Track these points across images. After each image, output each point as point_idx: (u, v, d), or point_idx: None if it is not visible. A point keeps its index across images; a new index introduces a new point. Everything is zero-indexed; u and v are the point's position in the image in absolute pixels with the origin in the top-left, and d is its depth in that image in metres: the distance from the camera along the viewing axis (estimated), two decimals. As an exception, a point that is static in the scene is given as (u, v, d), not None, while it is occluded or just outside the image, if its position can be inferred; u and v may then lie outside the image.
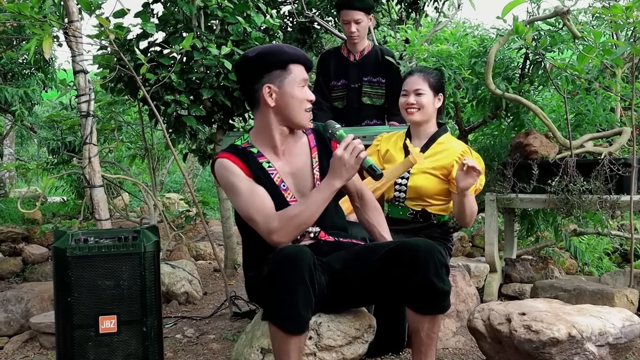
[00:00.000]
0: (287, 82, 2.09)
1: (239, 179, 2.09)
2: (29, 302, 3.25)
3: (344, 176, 1.99)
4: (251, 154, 2.16)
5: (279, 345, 1.92)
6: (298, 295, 1.85)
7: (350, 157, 1.96)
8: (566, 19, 3.40)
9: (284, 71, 2.09)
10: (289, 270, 1.85)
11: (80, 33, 3.17)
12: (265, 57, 2.11)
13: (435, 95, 2.78)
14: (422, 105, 2.74)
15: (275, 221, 2.01)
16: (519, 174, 3.48)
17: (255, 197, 2.07)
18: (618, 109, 3.94)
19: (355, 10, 3.68)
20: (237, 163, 2.10)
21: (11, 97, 6.64)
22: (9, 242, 5.40)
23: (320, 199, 2.02)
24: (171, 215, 5.75)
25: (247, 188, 2.08)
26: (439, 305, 2.04)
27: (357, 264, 2.09)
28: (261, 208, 2.05)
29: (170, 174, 10.77)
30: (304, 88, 2.11)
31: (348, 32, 3.73)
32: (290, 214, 2.02)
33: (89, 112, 3.18)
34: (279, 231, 2.01)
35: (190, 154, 4.44)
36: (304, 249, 1.92)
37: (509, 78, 3.88)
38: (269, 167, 2.15)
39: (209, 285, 4.40)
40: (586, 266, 4.70)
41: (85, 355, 2.21)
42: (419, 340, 2.10)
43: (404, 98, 2.79)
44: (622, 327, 2.16)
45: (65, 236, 2.24)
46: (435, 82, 2.79)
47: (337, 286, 2.07)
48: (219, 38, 3.85)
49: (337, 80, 3.83)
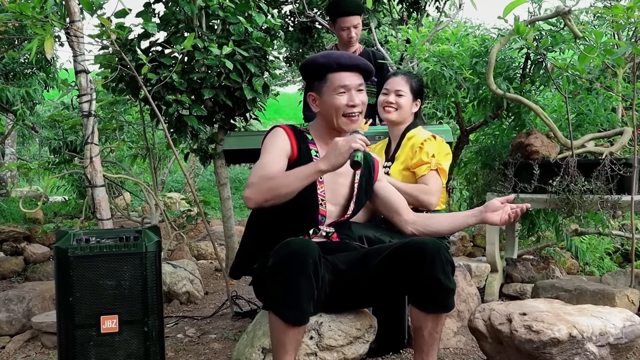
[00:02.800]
0: (324, 90, 2.20)
1: (276, 146, 2.17)
2: (30, 302, 3.26)
3: (332, 160, 1.99)
4: (306, 138, 2.26)
5: (277, 336, 1.94)
6: (301, 288, 1.88)
7: (345, 144, 1.98)
8: (567, 19, 3.40)
9: (321, 81, 2.20)
10: (293, 263, 1.87)
11: (82, 33, 3.17)
12: (306, 67, 2.26)
13: (414, 99, 2.86)
14: (400, 106, 2.82)
15: (256, 177, 2.05)
16: (520, 173, 3.49)
17: (270, 160, 2.12)
18: (619, 109, 3.95)
19: (355, 16, 3.72)
20: (290, 138, 2.20)
21: (13, 96, 6.65)
22: (10, 242, 5.42)
23: (301, 174, 2.01)
24: (172, 214, 5.75)
25: (273, 153, 2.15)
26: (444, 303, 2.05)
27: (362, 265, 2.11)
28: (262, 167, 2.09)
29: (172, 174, 10.79)
30: (343, 95, 2.17)
31: (347, 37, 3.77)
32: (269, 175, 2.05)
33: (90, 112, 3.18)
34: (253, 186, 2.02)
35: (191, 153, 4.45)
36: (310, 243, 1.94)
37: (510, 78, 3.88)
38: (315, 155, 2.22)
39: (210, 285, 4.40)
40: (587, 266, 4.70)
41: (86, 355, 2.21)
42: (422, 339, 2.11)
43: (383, 96, 2.86)
44: (622, 327, 2.16)
45: (67, 236, 2.24)
46: (416, 87, 2.86)
47: (341, 286, 2.09)
48: (221, 38, 3.85)
49: None
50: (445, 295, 2.03)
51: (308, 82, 2.28)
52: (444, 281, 2.00)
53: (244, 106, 4.00)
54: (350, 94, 2.17)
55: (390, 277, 2.07)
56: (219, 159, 4.18)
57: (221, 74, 3.74)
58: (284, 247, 1.91)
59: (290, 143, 2.18)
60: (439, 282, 1.99)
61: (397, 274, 2.05)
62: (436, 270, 1.98)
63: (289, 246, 1.91)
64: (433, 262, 1.99)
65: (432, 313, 2.06)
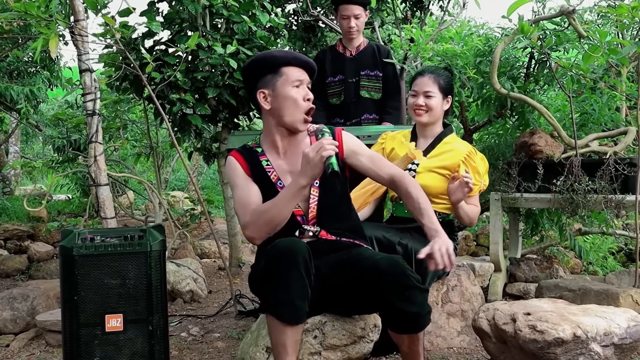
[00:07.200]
0: (279, 84, 2.16)
1: (237, 176, 2.21)
2: (34, 300, 3.26)
3: (308, 173, 1.99)
4: (255, 153, 2.26)
5: (276, 337, 1.94)
6: (293, 285, 1.88)
7: (315, 155, 1.96)
8: (572, 18, 3.40)
9: (276, 74, 2.17)
10: (284, 262, 1.89)
11: (86, 32, 3.17)
12: (256, 63, 2.22)
13: (444, 97, 2.80)
14: (431, 108, 2.77)
15: (248, 216, 2.08)
16: (524, 173, 3.49)
17: (245, 193, 2.16)
18: (623, 109, 3.94)
19: (355, 5, 3.71)
20: (239, 161, 2.22)
21: (17, 95, 6.65)
22: (14, 240, 5.44)
23: (287, 196, 2.04)
24: (176, 213, 5.76)
25: (241, 184, 2.19)
26: (414, 326, 1.99)
27: (340, 273, 2.07)
28: (245, 203, 2.12)
29: (175, 172, 10.78)
30: (299, 87, 2.16)
31: (347, 27, 3.74)
32: (260, 210, 2.07)
33: (94, 111, 3.19)
34: (250, 226, 2.07)
35: (195, 152, 4.45)
36: (299, 241, 1.96)
37: (514, 77, 3.88)
38: (267, 165, 2.22)
39: (214, 284, 4.41)
40: (591, 265, 4.70)
41: (91, 353, 2.22)
42: (403, 352, 2.13)
43: (413, 99, 2.80)
44: (627, 327, 2.16)
45: (72, 235, 2.25)
46: (445, 84, 2.80)
47: (324, 291, 2.07)
48: (225, 37, 3.85)
49: (334, 76, 3.85)
50: (412, 319, 1.95)
51: (255, 80, 2.21)
52: (407, 308, 1.92)
53: (247, 105, 4.00)
54: (305, 88, 2.18)
55: (359, 295, 2.04)
56: (222, 158, 4.19)
57: (225, 72, 3.75)
58: (273, 248, 1.94)
59: (241, 166, 2.21)
60: (401, 310, 1.93)
61: (363, 293, 2.02)
62: (394, 300, 1.92)
63: (277, 246, 1.93)
64: (390, 292, 1.93)
65: (404, 334, 2.03)
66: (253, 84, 2.22)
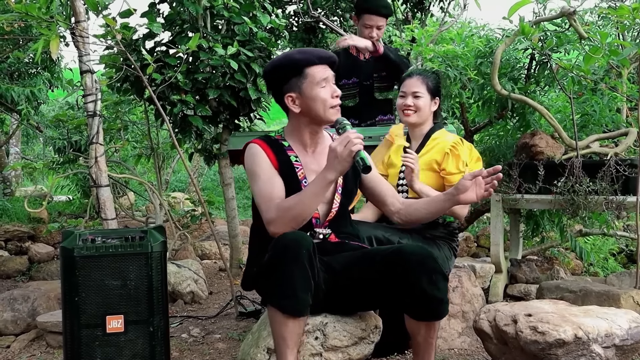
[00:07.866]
0: (305, 87, 2.13)
1: (260, 166, 2.13)
2: (35, 301, 3.26)
3: (337, 168, 1.98)
4: (282, 146, 2.21)
5: (277, 329, 1.95)
6: (296, 277, 1.89)
7: (344, 149, 1.95)
8: (572, 20, 3.40)
9: (300, 77, 2.13)
10: (288, 254, 1.89)
11: (87, 33, 3.18)
12: (279, 68, 2.17)
13: (432, 98, 2.83)
14: (419, 108, 2.80)
15: (273, 211, 2.03)
16: (524, 174, 3.48)
17: (269, 186, 2.10)
18: (624, 110, 3.94)
19: (381, 17, 3.72)
20: (266, 151, 2.16)
21: (17, 96, 6.66)
22: (15, 241, 5.44)
23: (314, 191, 2.01)
24: (177, 214, 5.77)
25: (265, 176, 2.12)
26: (434, 312, 2.02)
27: (356, 268, 2.09)
28: (269, 197, 2.07)
29: (176, 173, 10.79)
30: (325, 86, 2.14)
31: (368, 35, 3.73)
32: (286, 206, 2.03)
33: (95, 112, 3.19)
34: (275, 222, 2.02)
35: (196, 153, 4.46)
36: (303, 235, 1.95)
37: (515, 78, 3.88)
38: (295, 161, 2.19)
39: (215, 285, 4.41)
40: (592, 267, 4.69)
41: (92, 354, 2.22)
42: (417, 344, 2.12)
43: (401, 99, 2.84)
44: (628, 328, 2.16)
45: (72, 236, 2.25)
46: (433, 85, 2.83)
47: (337, 287, 2.08)
48: (225, 38, 3.86)
49: (348, 79, 3.85)
50: (435, 304, 2.00)
51: (279, 84, 2.18)
52: (431, 292, 1.97)
53: (248, 106, 4.01)
54: (331, 85, 2.16)
55: (380, 286, 2.06)
56: (223, 159, 4.19)
57: (226, 74, 3.75)
58: (278, 241, 1.94)
59: (268, 157, 2.15)
60: (427, 294, 1.97)
61: (386, 283, 2.04)
62: (421, 282, 1.96)
63: (282, 239, 1.93)
64: (418, 273, 1.96)
65: (424, 321, 2.05)
66: (278, 89, 2.19)
